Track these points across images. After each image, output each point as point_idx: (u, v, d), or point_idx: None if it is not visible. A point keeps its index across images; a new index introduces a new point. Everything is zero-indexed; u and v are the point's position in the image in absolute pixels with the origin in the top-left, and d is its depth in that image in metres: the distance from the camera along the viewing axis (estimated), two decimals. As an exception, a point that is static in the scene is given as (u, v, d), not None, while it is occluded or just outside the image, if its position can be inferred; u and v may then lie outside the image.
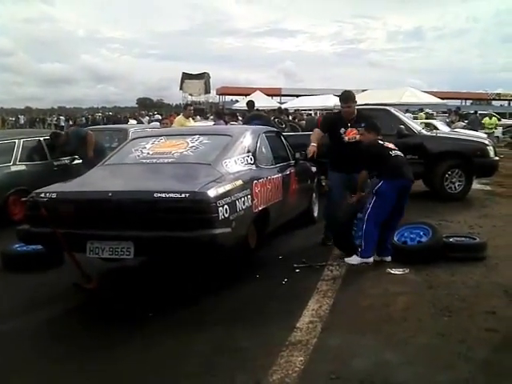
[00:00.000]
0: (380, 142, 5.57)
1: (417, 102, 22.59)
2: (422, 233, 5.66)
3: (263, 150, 5.73)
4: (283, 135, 7.02)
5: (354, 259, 5.37)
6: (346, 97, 6.07)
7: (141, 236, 4.05)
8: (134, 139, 5.76)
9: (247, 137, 5.58)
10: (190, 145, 5.20)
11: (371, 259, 5.32)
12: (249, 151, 5.38)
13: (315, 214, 7.45)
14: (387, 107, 10.49)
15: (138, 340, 3.82)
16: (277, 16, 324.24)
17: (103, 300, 4.66)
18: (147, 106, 54.39)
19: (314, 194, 7.40)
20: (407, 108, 22.94)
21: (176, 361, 3.50)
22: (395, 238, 5.72)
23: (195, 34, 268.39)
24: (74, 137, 8.63)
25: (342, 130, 5.93)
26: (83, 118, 36.22)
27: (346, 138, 5.90)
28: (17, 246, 5.56)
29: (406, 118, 10.47)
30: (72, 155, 8.76)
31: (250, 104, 10.54)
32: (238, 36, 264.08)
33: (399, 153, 5.55)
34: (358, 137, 5.80)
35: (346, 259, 5.42)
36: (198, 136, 5.40)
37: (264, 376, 3.21)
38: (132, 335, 3.89)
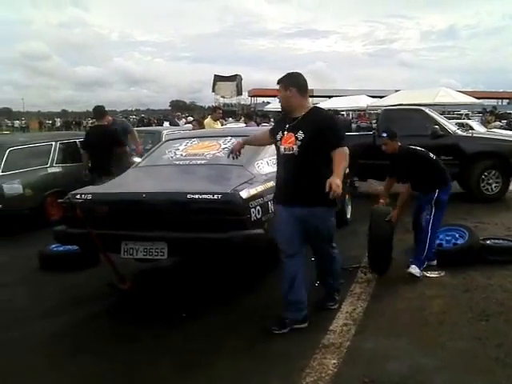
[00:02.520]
0: (411, 146, 5.30)
1: (451, 102, 22.16)
2: (457, 235, 5.55)
3: (295, 150, 5.68)
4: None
5: (415, 269, 5.08)
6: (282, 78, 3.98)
7: (174, 237, 4.07)
8: (168, 141, 5.81)
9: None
10: (223, 146, 5.21)
11: (434, 261, 5.31)
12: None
13: (348, 216, 7.40)
14: (421, 107, 10.35)
15: (170, 341, 3.85)
16: (308, 17, 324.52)
17: (137, 300, 4.72)
18: (180, 109, 54.93)
19: (346, 196, 7.33)
20: (443, 109, 22.57)
21: (208, 362, 3.50)
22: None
23: (226, 36, 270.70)
24: (121, 128, 8.56)
25: (279, 136, 3.96)
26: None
27: (282, 148, 3.92)
28: (53, 246, 5.68)
29: (441, 118, 10.29)
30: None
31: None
32: (269, 37, 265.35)
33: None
34: (295, 148, 3.79)
35: (410, 270, 5.07)
36: (230, 137, 5.41)
37: (297, 379, 3.20)
38: (164, 336, 3.92)
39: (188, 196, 4.10)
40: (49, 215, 7.71)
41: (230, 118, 22.21)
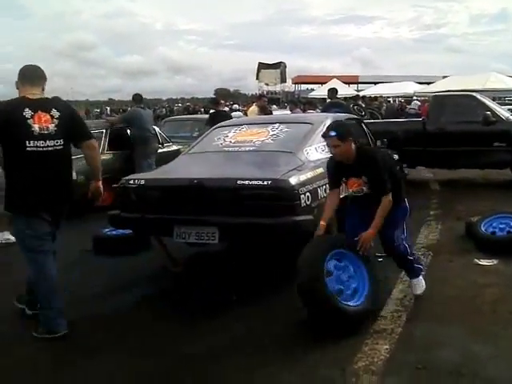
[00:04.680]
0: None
1: (503, 88, 21.43)
2: (512, 223, 5.41)
3: (344, 137, 5.64)
4: (364, 122, 6.90)
5: (419, 282, 4.25)
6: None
7: (225, 222, 4.13)
8: (217, 128, 5.86)
9: (328, 124, 5.51)
10: (271, 133, 5.22)
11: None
12: (330, 139, 5.32)
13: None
14: (473, 93, 10.08)
15: (222, 322, 3.91)
16: (353, 2, 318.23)
17: (189, 283, 4.82)
18: (225, 97, 55.17)
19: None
20: (494, 95, 21.83)
21: (257, 345, 3.55)
22: (482, 228, 5.50)
23: (270, 24, 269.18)
24: None
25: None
26: (163, 109, 37.25)
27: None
28: (107, 230, 5.85)
29: (493, 103, 10.00)
30: None
31: (333, 91, 10.35)
32: (313, 24, 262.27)
33: None
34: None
35: (417, 292, 4.20)
36: (278, 124, 5.42)
37: (349, 363, 3.20)
38: (217, 318, 3.99)
39: (238, 182, 4.15)
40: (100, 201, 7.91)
41: (274, 106, 22.15)
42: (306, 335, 3.60)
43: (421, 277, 4.24)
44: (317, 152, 5.00)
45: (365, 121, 7.78)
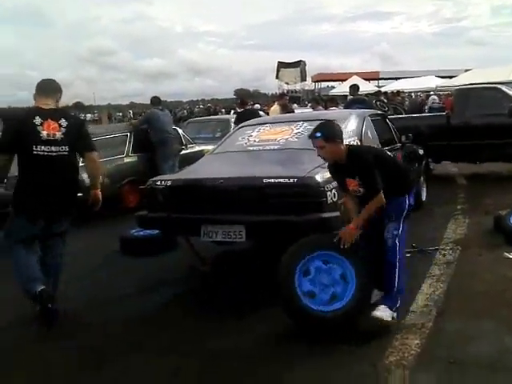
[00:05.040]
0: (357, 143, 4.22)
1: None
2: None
3: (369, 133, 5.62)
4: (388, 118, 6.86)
5: (385, 311, 3.62)
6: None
7: (252, 220, 4.15)
8: (241, 127, 5.89)
9: (352, 121, 5.52)
10: (295, 131, 5.23)
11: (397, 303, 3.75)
12: (354, 135, 5.31)
13: (423, 198, 7.27)
14: (497, 85, 9.93)
15: (250, 322, 3.93)
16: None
17: (216, 282, 4.85)
18: (245, 97, 55.27)
19: (421, 178, 7.19)
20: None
21: (286, 342, 3.58)
22: (510, 220, 5.43)
23: (289, 23, 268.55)
24: None
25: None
26: (184, 111, 37.45)
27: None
28: (134, 231, 5.92)
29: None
30: None
31: (354, 87, 10.31)
32: (332, 22, 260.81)
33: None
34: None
35: (376, 313, 3.61)
36: (302, 122, 5.42)
37: (380, 358, 3.20)
38: (248, 317, 4.00)
39: (264, 181, 4.16)
40: (127, 202, 8.04)
41: (295, 104, 22.06)
42: (336, 331, 3.58)
43: (389, 310, 3.61)
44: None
45: (389, 116, 7.74)
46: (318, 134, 3.69)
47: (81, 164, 4.32)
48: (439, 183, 8.76)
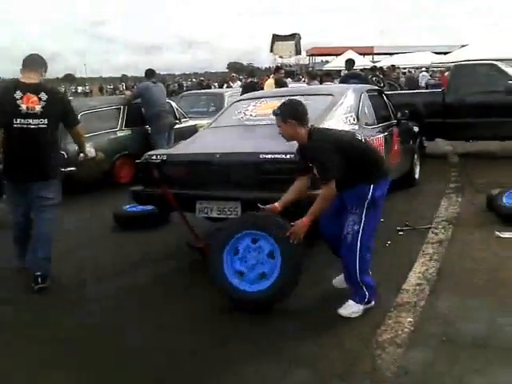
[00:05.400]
0: (327, 127, 3.85)
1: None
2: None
3: (365, 109, 5.59)
4: (385, 94, 6.81)
5: (352, 307, 3.56)
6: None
7: (248, 196, 4.13)
8: (237, 102, 5.83)
9: (349, 96, 5.47)
10: (292, 106, 5.17)
11: (373, 302, 3.64)
12: (351, 111, 5.28)
13: (416, 176, 7.27)
14: (494, 62, 9.85)
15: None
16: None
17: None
18: (238, 70, 54.68)
19: (415, 155, 7.19)
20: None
21: (282, 312, 3.59)
22: (504, 200, 5.45)
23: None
24: None
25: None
26: (176, 85, 37.07)
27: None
28: (128, 206, 5.89)
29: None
30: None
31: (350, 62, 10.20)
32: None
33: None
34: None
35: (340, 311, 3.54)
36: (298, 97, 5.33)
37: (373, 336, 3.22)
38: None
39: (260, 156, 4.14)
40: (118, 177, 7.98)
41: (289, 79, 21.86)
42: (328, 309, 3.60)
43: (359, 306, 3.54)
44: (339, 124, 4.94)
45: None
46: (278, 112, 3.61)
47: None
48: (432, 161, 8.77)
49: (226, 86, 18.39)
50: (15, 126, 4.06)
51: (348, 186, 3.47)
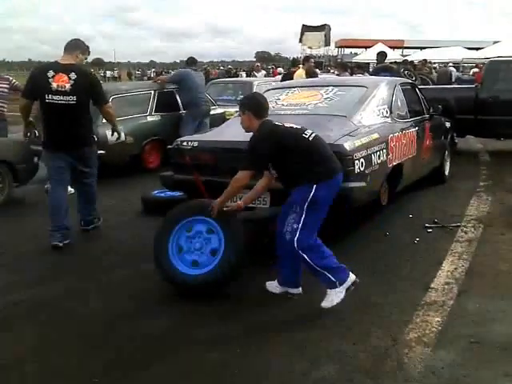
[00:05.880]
0: (277, 122, 3.63)
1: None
2: None
3: (399, 102, 5.50)
4: (418, 88, 6.68)
5: (330, 295, 3.47)
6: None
7: (277, 186, 4.08)
8: (268, 90, 5.76)
9: (383, 88, 5.38)
10: (325, 96, 5.12)
11: (352, 276, 3.54)
12: (384, 103, 5.20)
13: (446, 173, 7.15)
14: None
15: (256, 285, 3.85)
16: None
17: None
18: (265, 60, 54.53)
19: (446, 152, 7.05)
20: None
21: (308, 309, 3.55)
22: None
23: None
24: None
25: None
26: (201, 72, 37.02)
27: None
28: (156, 192, 5.90)
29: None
30: None
31: (382, 55, 10.03)
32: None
33: (313, 131, 3.61)
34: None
35: (322, 304, 3.45)
36: (331, 87, 5.30)
37: (400, 334, 3.17)
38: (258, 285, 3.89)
39: (292, 146, 4.07)
40: (147, 162, 8.00)
41: (317, 69, 21.65)
42: (356, 306, 3.56)
43: (335, 291, 3.44)
44: (371, 116, 4.89)
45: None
46: (240, 103, 3.73)
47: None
48: (462, 158, 8.61)
49: (248, 75, 18.27)
50: (47, 101, 4.57)
51: (292, 184, 3.47)
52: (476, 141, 10.39)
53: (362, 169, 4.18)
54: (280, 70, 22.65)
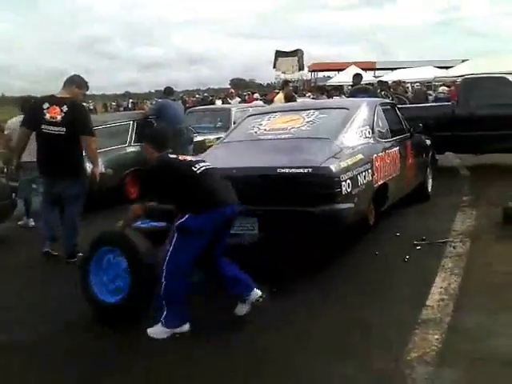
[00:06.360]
0: (172, 155, 3.73)
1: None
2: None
3: (380, 122, 5.55)
4: (398, 108, 6.76)
5: (159, 330, 3.53)
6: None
7: (265, 211, 4.06)
8: (249, 116, 5.78)
9: (364, 109, 5.43)
10: (307, 119, 5.14)
11: (186, 326, 3.56)
12: (366, 124, 5.24)
13: (429, 190, 7.20)
14: (504, 75, 9.81)
15: (269, 313, 3.81)
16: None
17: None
18: (240, 86, 54.89)
19: (428, 169, 7.11)
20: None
21: (307, 334, 3.49)
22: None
23: (286, 11, 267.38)
24: None
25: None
26: (179, 101, 37.13)
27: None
28: (139, 222, 5.79)
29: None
30: None
31: (358, 76, 10.18)
32: (328, 10, 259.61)
33: (207, 164, 3.72)
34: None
35: (148, 331, 3.54)
36: (313, 110, 5.32)
37: (401, 354, 3.11)
38: (265, 310, 3.84)
39: (278, 170, 4.08)
40: (128, 193, 7.90)
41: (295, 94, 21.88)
42: (354, 328, 3.51)
43: (163, 327, 3.51)
44: (355, 138, 4.91)
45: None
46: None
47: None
48: (443, 174, 8.68)
49: (223, 102, 18.29)
50: (42, 130, 4.98)
51: (179, 212, 3.57)
52: (454, 156, 10.52)
53: (349, 190, 4.17)
54: (256, 95, 22.83)
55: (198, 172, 3.56)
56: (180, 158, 3.70)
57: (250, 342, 3.46)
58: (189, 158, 3.80)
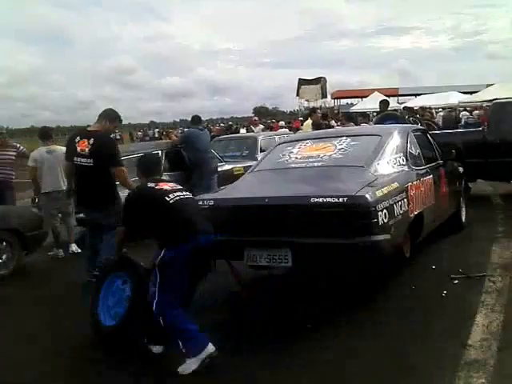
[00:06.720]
0: (151, 184, 3.71)
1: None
2: None
3: (413, 149, 5.38)
4: (430, 134, 6.59)
5: (186, 364, 3.44)
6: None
7: (299, 243, 3.91)
8: (280, 144, 5.68)
9: (396, 136, 5.28)
10: (338, 147, 5.01)
11: (209, 348, 3.44)
12: (400, 151, 5.09)
13: (463, 219, 6.94)
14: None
15: (302, 351, 3.67)
16: (389, 13, 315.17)
17: (256, 310, 4.53)
18: (263, 115, 55.25)
19: (461, 197, 6.89)
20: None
21: (342, 373, 3.33)
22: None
23: (307, 39, 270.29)
24: None
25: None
26: (206, 130, 37.34)
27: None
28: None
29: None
30: None
31: (385, 103, 10.06)
32: (351, 37, 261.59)
33: (183, 194, 3.70)
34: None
35: (179, 370, 3.43)
36: (345, 138, 5.20)
37: (446, 400, 2.92)
38: (297, 348, 3.73)
39: (312, 200, 3.94)
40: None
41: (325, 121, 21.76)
42: (396, 369, 3.33)
43: (192, 360, 3.41)
44: (389, 165, 4.76)
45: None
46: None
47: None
48: (475, 203, 8.42)
49: (246, 131, 18.30)
50: (75, 163, 5.24)
51: (157, 244, 3.56)
52: (485, 184, 10.23)
53: (385, 220, 4.00)
54: (282, 123, 22.83)
55: (170, 202, 3.56)
56: (158, 185, 3.69)
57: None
58: (167, 186, 3.74)
